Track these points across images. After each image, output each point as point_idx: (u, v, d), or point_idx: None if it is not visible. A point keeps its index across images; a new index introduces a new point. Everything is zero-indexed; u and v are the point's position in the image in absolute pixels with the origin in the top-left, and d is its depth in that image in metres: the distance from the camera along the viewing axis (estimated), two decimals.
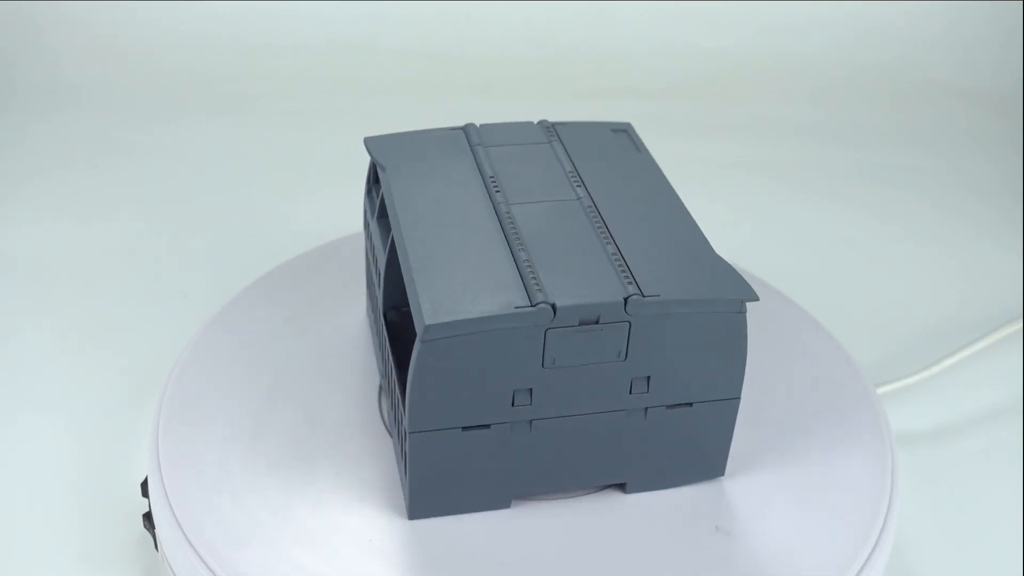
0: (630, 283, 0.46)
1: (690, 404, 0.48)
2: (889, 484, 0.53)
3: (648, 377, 0.47)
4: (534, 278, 0.46)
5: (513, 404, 0.46)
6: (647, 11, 1.16)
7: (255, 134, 0.99)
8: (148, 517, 0.54)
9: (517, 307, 0.44)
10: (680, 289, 0.46)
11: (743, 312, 0.46)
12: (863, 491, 0.52)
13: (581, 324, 0.44)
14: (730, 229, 0.86)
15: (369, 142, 0.57)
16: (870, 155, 1.03)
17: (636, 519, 0.50)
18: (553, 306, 0.44)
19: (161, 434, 0.53)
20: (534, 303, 0.44)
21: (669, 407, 0.48)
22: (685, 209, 0.52)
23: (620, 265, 0.47)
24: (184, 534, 0.49)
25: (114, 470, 0.63)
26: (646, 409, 0.48)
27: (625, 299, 0.45)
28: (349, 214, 0.80)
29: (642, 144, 0.57)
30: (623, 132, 0.58)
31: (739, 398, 0.49)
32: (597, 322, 0.45)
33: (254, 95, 1.05)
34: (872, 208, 0.94)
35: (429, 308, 0.44)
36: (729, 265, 0.48)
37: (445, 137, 0.56)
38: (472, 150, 0.55)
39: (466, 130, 0.57)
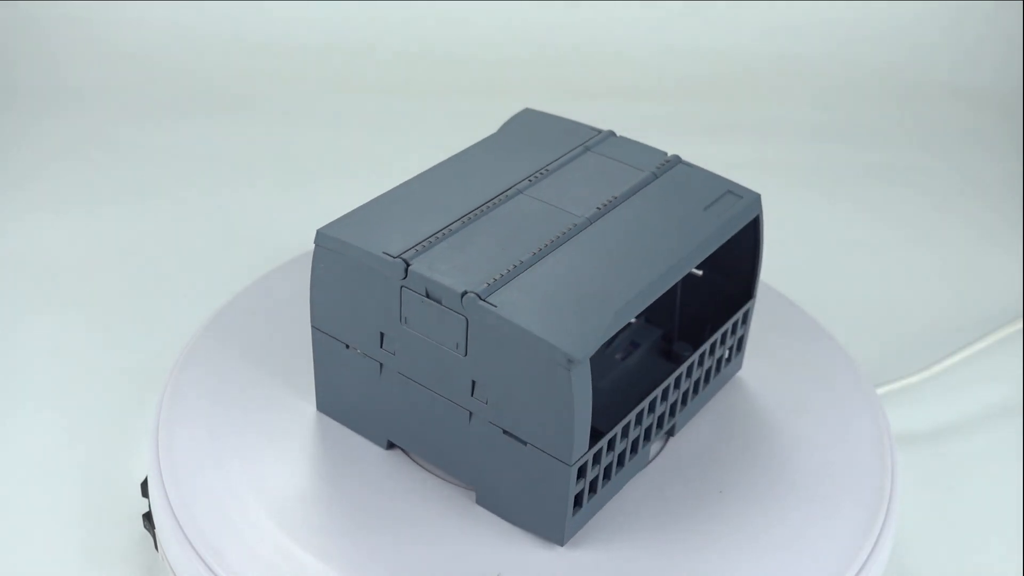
0: (488, 287, 0.46)
1: (524, 443, 0.47)
2: (889, 484, 0.53)
3: (488, 387, 0.47)
4: (433, 245, 0.48)
5: (381, 345, 0.50)
6: (648, 12, 1.16)
7: (255, 134, 0.99)
8: (148, 517, 0.54)
9: (384, 252, 0.47)
10: (518, 314, 0.45)
11: (567, 369, 0.43)
12: (863, 491, 0.52)
13: (428, 297, 0.46)
14: None
15: (524, 112, 0.60)
16: (871, 155, 1.03)
17: (463, 528, 0.50)
18: (407, 266, 0.46)
19: (161, 434, 0.53)
20: (396, 256, 0.47)
21: (504, 432, 0.47)
22: (668, 273, 0.48)
23: (511, 273, 0.47)
24: (184, 534, 0.49)
25: (114, 470, 0.63)
26: (489, 422, 0.48)
27: (463, 293, 0.45)
28: None
29: (735, 214, 0.53)
30: (736, 197, 0.54)
31: (570, 466, 0.46)
32: (440, 303, 0.46)
33: (254, 95, 1.05)
34: (872, 208, 0.94)
35: (336, 223, 0.49)
36: (605, 327, 0.45)
37: (575, 131, 0.58)
38: (575, 148, 0.56)
39: (602, 133, 0.58)
